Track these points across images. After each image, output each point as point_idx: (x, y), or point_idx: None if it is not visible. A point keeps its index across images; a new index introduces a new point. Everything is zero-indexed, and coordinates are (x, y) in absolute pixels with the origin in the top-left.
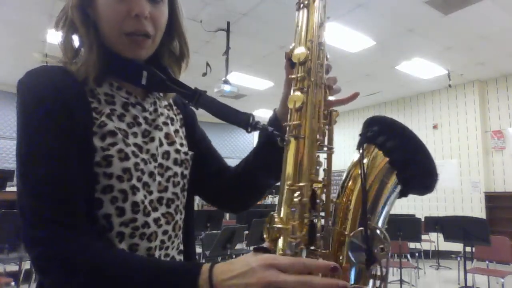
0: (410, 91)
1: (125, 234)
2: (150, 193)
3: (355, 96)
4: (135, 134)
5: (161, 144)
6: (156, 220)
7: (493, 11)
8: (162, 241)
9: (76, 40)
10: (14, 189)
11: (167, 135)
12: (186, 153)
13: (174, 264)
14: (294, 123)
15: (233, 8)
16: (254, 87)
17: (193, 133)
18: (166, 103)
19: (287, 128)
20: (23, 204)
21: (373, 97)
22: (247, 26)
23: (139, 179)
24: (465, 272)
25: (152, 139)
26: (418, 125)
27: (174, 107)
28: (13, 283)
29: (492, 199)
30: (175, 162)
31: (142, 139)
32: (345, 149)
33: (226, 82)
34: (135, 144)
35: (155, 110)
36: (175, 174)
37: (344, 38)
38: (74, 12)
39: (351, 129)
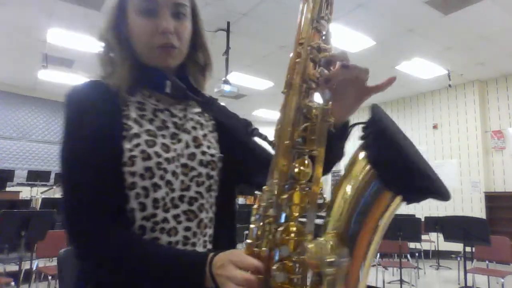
0: (410, 91)
1: (147, 228)
2: (173, 190)
3: (391, 80)
4: (163, 136)
5: (187, 146)
6: (176, 216)
7: (493, 11)
8: (186, 237)
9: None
10: (14, 189)
11: (194, 138)
12: (212, 155)
13: (187, 253)
14: (276, 128)
15: (233, 8)
16: (254, 87)
17: (231, 137)
18: (198, 110)
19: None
20: (64, 203)
21: (373, 97)
22: (247, 26)
23: (161, 177)
24: (465, 272)
25: (179, 141)
26: (418, 125)
27: (206, 114)
28: (13, 283)
29: (492, 199)
30: (201, 163)
31: (170, 141)
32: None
33: (226, 82)
34: (163, 144)
35: (185, 116)
36: (200, 174)
37: (344, 38)
38: (109, 32)
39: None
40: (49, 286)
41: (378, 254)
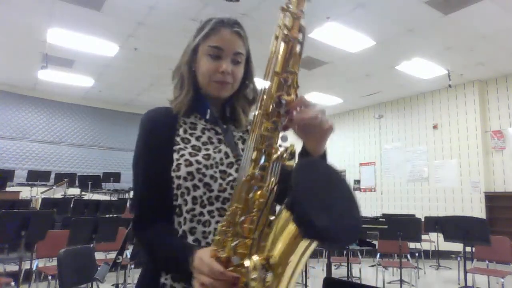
0: (410, 91)
1: (187, 219)
2: (211, 191)
3: (300, 100)
4: (207, 149)
5: (227, 157)
6: (210, 212)
7: (493, 11)
8: (216, 229)
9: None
10: (14, 189)
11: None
12: None
13: (186, 245)
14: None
15: (233, 8)
16: None
17: None
18: (241, 130)
19: None
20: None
21: (373, 97)
22: (247, 26)
23: (200, 180)
24: (465, 272)
25: (220, 151)
26: (418, 125)
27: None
28: (13, 283)
29: (492, 199)
30: (237, 170)
31: (213, 151)
32: (344, 149)
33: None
34: (205, 154)
35: (229, 134)
36: (235, 180)
37: (344, 38)
38: (184, 66)
39: (350, 128)
40: (49, 286)
41: (378, 254)
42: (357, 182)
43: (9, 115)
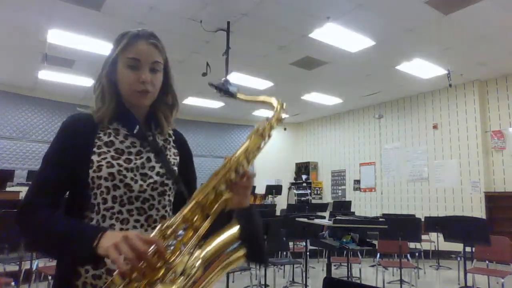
0: (410, 91)
1: (106, 216)
2: (131, 191)
3: (250, 172)
4: (129, 153)
5: (149, 161)
6: (129, 211)
7: (493, 11)
8: (135, 227)
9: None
10: (14, 189)
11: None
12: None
13: (86, 226)
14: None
15: (233, 8)
16: (254, 87)
17: (185, 168)
18: (163, 137)
19: None
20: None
21: (373, 97)
22: (247, 26)
23: (121, 181)
24: (465, 272)
25: (141, 158)
26: (418, 125)
27: (173, 144)
28: (13, 283)
29: (492, 199)
30: (158, 173)
31: (135, 156)
32: (344, 148)
33: (226, 82)
34: (127, 158)
35: (153, 140)
36: (155, 182)
37: (344, 38)
38: (104, 79)
39: (350, 128)
40: (49, 286)
41: (378, 254)
42: (357, 182)
43: (9, 115)
